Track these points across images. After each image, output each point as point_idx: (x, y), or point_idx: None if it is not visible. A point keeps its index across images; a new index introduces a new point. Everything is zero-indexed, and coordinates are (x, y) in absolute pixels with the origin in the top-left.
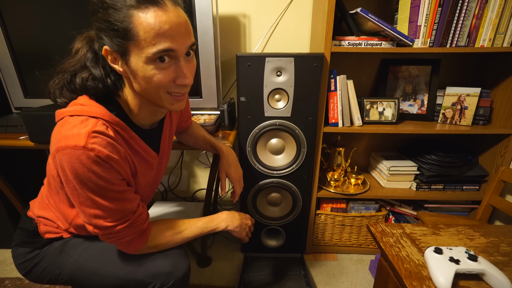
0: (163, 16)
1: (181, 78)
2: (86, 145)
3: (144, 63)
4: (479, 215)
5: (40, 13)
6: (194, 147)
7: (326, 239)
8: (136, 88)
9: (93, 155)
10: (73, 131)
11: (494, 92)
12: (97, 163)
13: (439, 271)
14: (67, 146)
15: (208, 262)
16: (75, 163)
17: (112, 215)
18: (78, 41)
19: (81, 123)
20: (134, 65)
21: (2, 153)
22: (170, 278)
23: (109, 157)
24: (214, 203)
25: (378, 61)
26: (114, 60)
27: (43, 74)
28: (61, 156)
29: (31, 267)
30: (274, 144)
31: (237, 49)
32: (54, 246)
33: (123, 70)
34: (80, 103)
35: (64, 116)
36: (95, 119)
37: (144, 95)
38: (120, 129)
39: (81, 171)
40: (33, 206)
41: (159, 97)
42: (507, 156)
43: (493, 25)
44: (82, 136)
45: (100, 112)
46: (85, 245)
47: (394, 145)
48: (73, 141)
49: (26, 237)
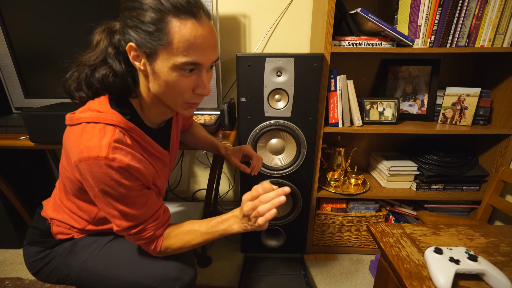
0: (198, 30)
1: (200, 88)
2: (107, 155)
3: (169, 68)
4: (479, 215)
5: (40, 13)
6: (195, 147)
7: (326, 239)
8: (153, 89)
9: (115, 166)
10: (94, 142)
11: (494, 92)
12: (118, 172)
13: (439, 271)
14: (90, 157)
15: (208, 262)
16: (97, 173)
17: (133, 219)
18: (97, 33)
19: (99, 132)
20: (158, 68)
21: (2, 153)
22: (176, 284)
23: (129, 166)
24: (214, 203)
25: (378, 61)
26: (137, 57)
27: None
28: (84, 166)
29: (40, 266)
30: (274, 144)
31: (237, 49)
32: (64, 246)
33: (144, 68)
34: (96, 109)
35: (81, 122)
36: (112, 127)
37: (160, 97)
38: (135, 135)
39: (104, 180)
40: (46, 207)
41: (175, 102)
42: (507, 156)
43: (493, 25)
44: (104, 147)
45: (116, 119)
46: (94, 246)
47: (394, 145)
48: (95, 152)
49: (38, 237)
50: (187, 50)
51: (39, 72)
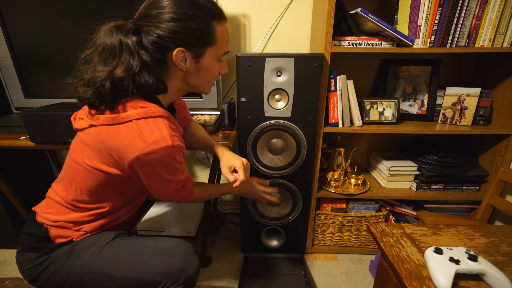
0: (228, 29)
1: (224, 69)
2: (173, 143)
3: (214, 60)
4: (479, 215)
5: (40, 13)
6: (194, 147)
7: (326, 239)
8: (192, 80)
9: (179, 150)
10: (157, 135)
11: (494, 92)
12: (179, 154)
13: (439, 271)
14: (160, 148)
15: (208, 262)
16: (166, 159)
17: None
18: (107, 35)
19: (154, 125)
20: (206, 63)
21: (2, 153)
22: (182, 275)
23: (183, 147)
24: (214, 203)
25: (378, 61)
26: (183, 59)
27: (45, 74)
28: (154, 156)
29: (38, 273)
30: (274, 144)
31: (237, 49)
32: (62, 250)
33: (188, 66)
34: (139, 105)
35: (131, 120)
36: (160, 118)
37: (195, 85)
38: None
39: (170, 162)
40: (41, 211)
41: (207, 84)
42: (507, 156)
43: (493, 25)
44: (168, 137)
45: (160, 111)
46: (94, 247)
47: (394, 145)
48: (163, 143)
49: (34, 242)
50: (225, 43)
51: (39, 72)
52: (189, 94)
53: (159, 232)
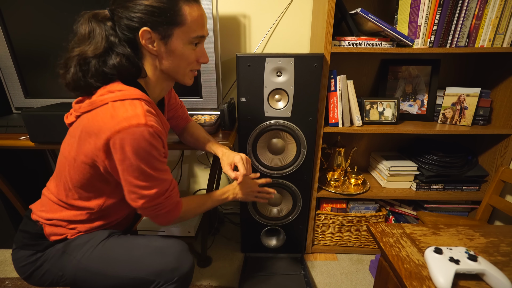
0: (201, 10)
1: (203, 57)
2: (146, 122)
3: (184, 44)
4: (479, 215)
5: (40, 13)
6: (193, 147)
7: (326, 239)
8: (165, 66)
9: (152, 131)
10: (130, 113)
11: (494, 92)
12: (153, 136)
13: (439, 271)
14: (131, 125)
15: (208, 262)
16: (138, 139)
17: (157, 185)
18: (83, 23)
19: (130, 105)
20: (175, 45)
21: (2, 153)
22: (174, 275)
23: (159, 130)
24: None
25: (378, 61)
26: (149, 40)
27: (45, 74)
28: (124, 135)
29: (32, 270)
30: (274, 144)
31: (237, 49)
32: (56, 248)
33: (156, 49)
34: (117, 89)
35: (107, 102)
36: (138, 100)
37: (170, 71)
38: (153, 107)
39: (142, 144)
40: (36, 209)
41: (184, 73)
42: (507, 156)
43: (493, 25)
44: (141, 115)
45: (138, 93)
46: (88, 246)
47: (394, 145)
48: (135, 120)
49: (28, 240)
50: (197, 26)
51: (39, 72)
52: (189, 94)
53: (159, 232)
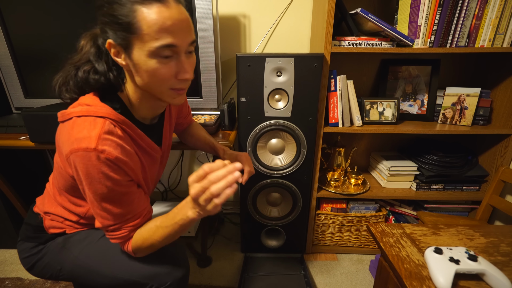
0: (165, 12)
1: (182, 72)
2: (97, 147)
3: (146, 56)
4: (479, 215)
5: (40, 13)
6: (194, 147)
7: (326, 239)
8: (139, 82)
9: (103, 157)
10: (83, 134)
11: (494, 92)
12: (106, 164)
13: (439, 271)
14: (79, 148)
15: (208, 262)
16: (86, 165)
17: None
18: (83, 39)
19: (90, 125)
20: (137, 58)
21: (2, 153)
22: (168, 279)
23: (118, 158)
24: None
25: (378, 61)
26: (117, 53)
27: (45, 74)
28: (74, 158)
29: (34, 261)
30: (274, 144)
31: (237, 49)
32: (56, 241)
33: (125, 63)
34: (85, 103)
35: (72, 117)
36: (102, 119)
37: (147, 89)
38: (126, 127)
39: (92, 171)
40: (39, 202)
41: (161, 91)
42: (507, 156)
43: (493, 25)
44: (93, 139)
45: (106, 111)
46: (86, 242)
47: (394, 145)
48: (84, 143)
49: (31, 232)
50: (158, 34)
51: (39, 72)
52: (189, 94)
53: None
